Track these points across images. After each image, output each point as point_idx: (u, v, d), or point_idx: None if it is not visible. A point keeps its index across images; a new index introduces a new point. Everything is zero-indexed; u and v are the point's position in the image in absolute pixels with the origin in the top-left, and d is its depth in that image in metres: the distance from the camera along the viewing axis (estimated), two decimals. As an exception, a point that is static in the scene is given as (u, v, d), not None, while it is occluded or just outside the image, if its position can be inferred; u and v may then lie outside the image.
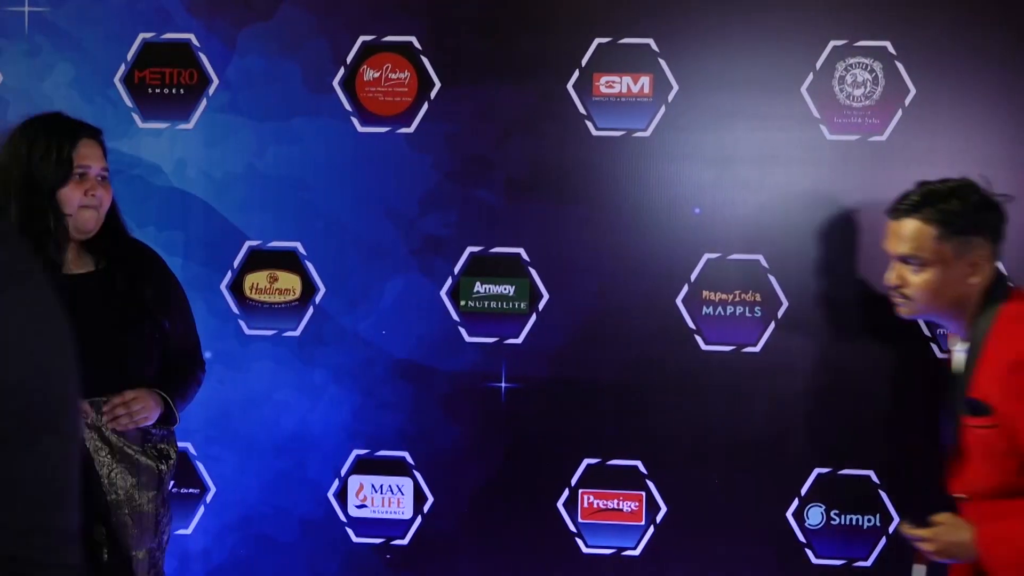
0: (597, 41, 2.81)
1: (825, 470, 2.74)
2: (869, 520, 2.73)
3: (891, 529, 2.69)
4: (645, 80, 2.79)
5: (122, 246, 2.50)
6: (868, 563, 2.73)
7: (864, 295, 2.73)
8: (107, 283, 2.46)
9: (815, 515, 2.74)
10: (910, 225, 2.18)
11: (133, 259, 2.51)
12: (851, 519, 2.75)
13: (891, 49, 2.74)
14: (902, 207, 2.22)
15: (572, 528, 2.78)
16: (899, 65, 2.73)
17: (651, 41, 2.78)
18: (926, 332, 2.69)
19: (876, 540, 2.72)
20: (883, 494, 2.72)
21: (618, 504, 2.83)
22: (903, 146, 2.74)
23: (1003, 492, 2.08)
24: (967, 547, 2.06)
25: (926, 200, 2.20)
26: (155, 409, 2.41)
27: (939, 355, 2.69)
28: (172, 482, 2.59)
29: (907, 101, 2.74)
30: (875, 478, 2.72)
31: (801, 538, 2.74)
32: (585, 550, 2.82)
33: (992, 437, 2.06)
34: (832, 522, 2.75)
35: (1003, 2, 2.72)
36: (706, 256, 2.78)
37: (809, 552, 2.76)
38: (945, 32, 2.72)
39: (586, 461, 2.82)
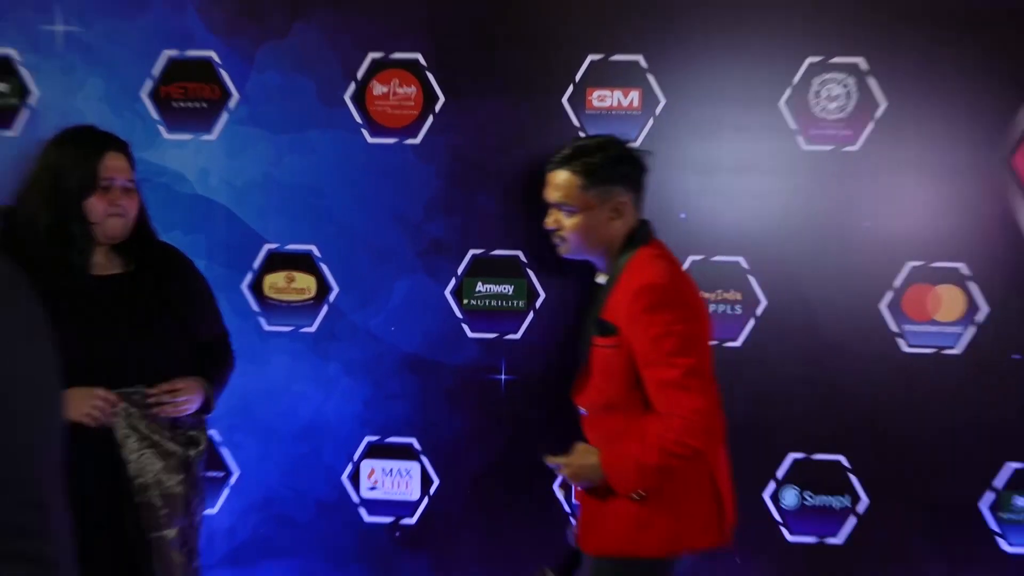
0: (590, 58, 2.84)
1: (800, 455, 2.85)
2: (840, 501, 2.84)
3: (860, 509, 2.81)
4: (635, 94, 2.84)
5: (150, 249, 2.52)
6: (839, 540, 2.83)
7: (838, 295, 2.80)
8: (135, 283, 2.46)
9: (790, 496, 2.85)
10: (561, 176, 2.35)
11: (161, 261, 2.53)
12: (823, 500, 2.85)
13: (863, 65, 2.78)
14: (555, 160, 2.38)
15: (567, 508, 2.88)
16: (870, 80, 2.78)
17: (640, 58, 2.83)
18: (893, 328, 2.79)
19: (846, 519, 2.83)
20: (853, 477, 2.82)
21: (607, 485, 2.91)
22: (874, 156, 2.80)
23: (612, 406, 2.30)
24: (596, 468, 2.25)
25: (575, 154, 2.36)
26: (198, 399, 2.44)
27: (905, 350, 2.78)
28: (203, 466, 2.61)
29: (878, 114, 2.79)
30: (846, 462, 2.82)
31: (777, 517, 2.86)
32: (579, 528, 2.92)
33: (614, 355, 2.26)
34: (806, 503, 2.85)
35: (970, 22, 2.75)
36: (691, 258, 2.84)
37: (784, 530, 2.86)
38: (914, 49, 2.77)
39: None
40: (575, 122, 2.83)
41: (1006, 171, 2.76)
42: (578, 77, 2.85)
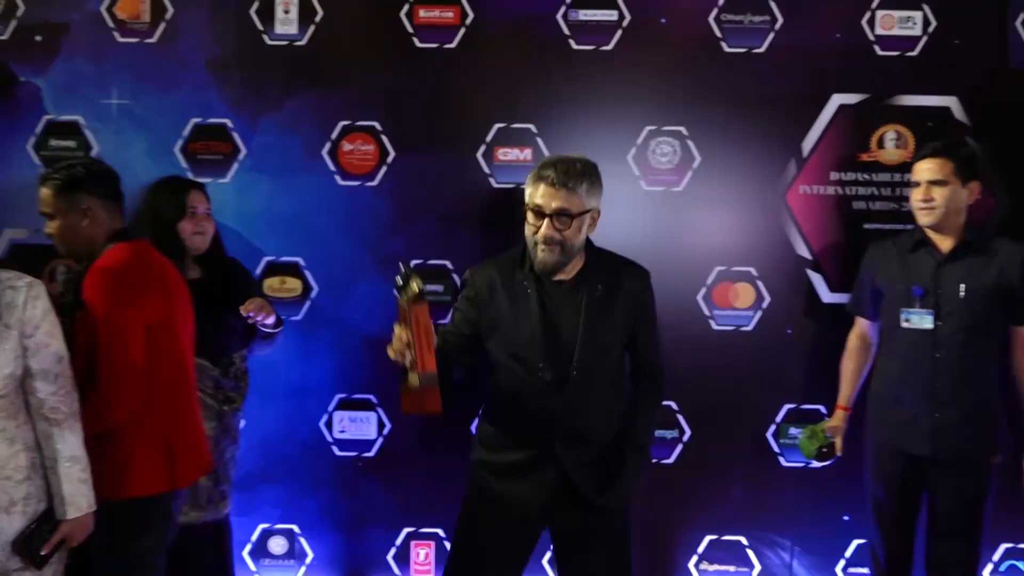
0: (497, 125, 3.54)
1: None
2: (671, 433, 3.62)
3: (685, 439, 3.60)
4: (528, 151, 3.54)
5: (221, 261, 3.17)
6: (671, 461, 3.62)
7: (669, 289, 3.36)
8: (208, 285, 3.07)
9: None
10: (42, 191, 2.58)
11: (227, 269, 3.14)
12: (660, 433, 3.59)
13: (685, 132, 3.55)
14: (41, 177, 2.60)
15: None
16: (690, 142, 3.56)
17: (532, 126, 3.55)
18: (706, 313, 3.56)
19: (675, 446, 3.63)
20: (680, 417, 3.62)
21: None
22: (693, 195, 3.57)
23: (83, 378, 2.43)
24: None
25: (52, 171, 2.58)
26: (271, 313, 3.06)
27: (715, 328, 3.55)
28: (240, 418, 3.16)
29: (695, 165, 3.56)
30: (675, 406, 3.61)
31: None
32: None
33: (79, 328, 2.48)
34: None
35: (756, 104, 3.50)
36: (567, 265, 3.55)
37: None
38: (720, 121, 3.53)
39: (490, 399, 3.60)
40: (486, 170, 3.55)
41: (781, 204, 3.58)
42: (488, 138, 3.54)
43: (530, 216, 2.61)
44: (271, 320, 3.14)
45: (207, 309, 3.03)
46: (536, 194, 2.59)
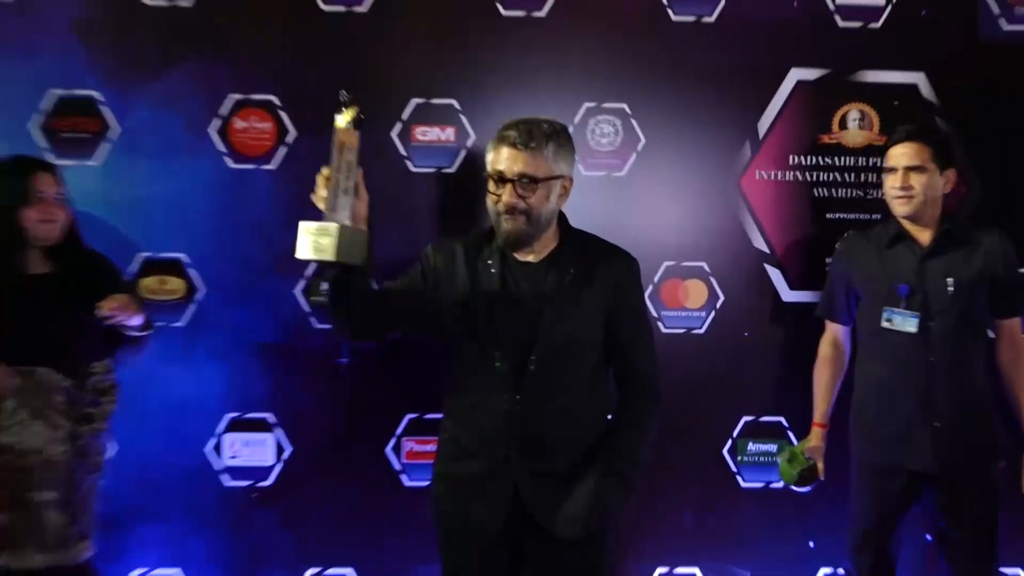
0: (414, 101, 3.23)
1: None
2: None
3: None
4: (451, 130, 3.24)
5: (77, 254, 2.79)
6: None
7: None
8: (61, 281, 2.72)
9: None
10: None
11: (84, 263, 2.79)
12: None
13: (628, 110, 3.29)
14: None
15: (398, 467, 3.25)
16: (633, 121, 3.29)
17: (455, 101, 3.25)
18: (654, 314, 3.25)
19: None
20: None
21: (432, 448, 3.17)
22: (637, 180, 3.29)
23: None
24: None
25: None
26: (134, 312, 2.70)
27: (663, 331, 3.26)
28: (104, 441, 2.78)
29: (639, 147, 3.30)
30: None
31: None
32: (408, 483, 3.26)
33: None
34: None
35: (707, 77, 3.25)
36: (493, 257, 3.20)
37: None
38: (666, 97, 3.27)
39: (407, 416, 3.25)
40: (403, 152, 3.22)
41: (736, 191, 3.31)
42: (405, 116, 3.23)
43: (491, 184, 2.41)
44: (137, 321, 2.74)
45: (58, 309, 2.67)
46: (498, 159, 2.39)
